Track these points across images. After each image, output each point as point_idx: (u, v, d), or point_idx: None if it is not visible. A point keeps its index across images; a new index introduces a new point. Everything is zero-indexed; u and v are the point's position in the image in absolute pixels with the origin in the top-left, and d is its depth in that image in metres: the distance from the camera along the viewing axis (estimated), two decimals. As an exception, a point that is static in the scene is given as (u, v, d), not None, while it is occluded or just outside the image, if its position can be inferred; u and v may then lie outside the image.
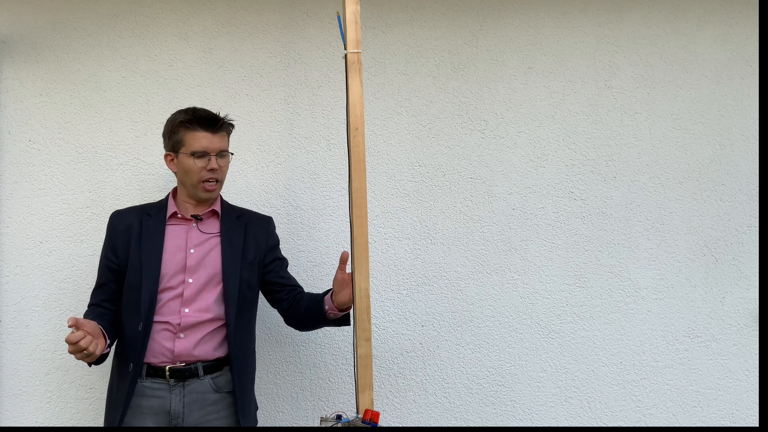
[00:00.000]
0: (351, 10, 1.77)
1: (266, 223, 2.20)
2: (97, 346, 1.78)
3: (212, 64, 2.51)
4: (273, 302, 2.19)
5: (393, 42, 2.59)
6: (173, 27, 2.50)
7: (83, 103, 2.45)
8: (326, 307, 2.01)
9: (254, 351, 2.15)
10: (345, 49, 1.79)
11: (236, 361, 2.02)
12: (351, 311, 1.91)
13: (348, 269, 1.88)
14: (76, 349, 1.74)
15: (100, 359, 1.92)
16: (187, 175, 2.03)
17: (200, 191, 2.04)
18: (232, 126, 2.13)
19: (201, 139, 2.00)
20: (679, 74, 2.70)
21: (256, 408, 2.16)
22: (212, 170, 2.01)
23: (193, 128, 2.01)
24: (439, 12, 2.61)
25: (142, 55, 2.48)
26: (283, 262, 2.21)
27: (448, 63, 2.61)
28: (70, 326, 1.73)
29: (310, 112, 2.55)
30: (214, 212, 2.11)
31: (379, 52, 2.58)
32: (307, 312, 2.07)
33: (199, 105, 2.15)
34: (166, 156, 2.08)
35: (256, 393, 2.17)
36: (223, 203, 2.15)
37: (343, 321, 2.03)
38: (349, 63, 1.77)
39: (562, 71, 2.65)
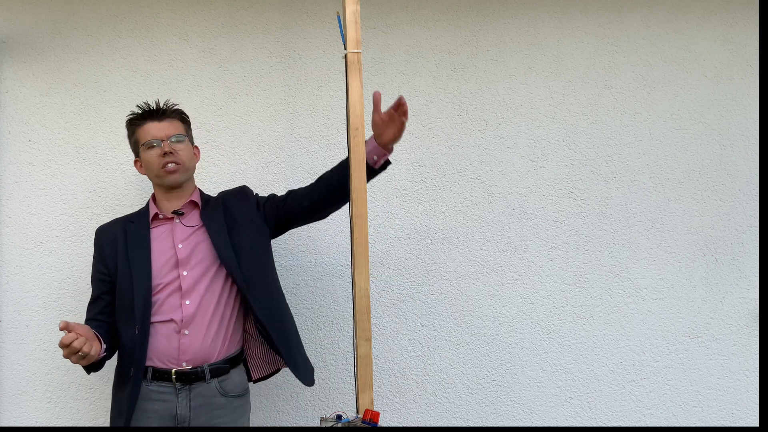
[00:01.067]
0: (351, 10, 1.77)
1: (240, 191, 2.17)
2: (92, 347, 1.77)
3: (212, 64, 2.51)
4: (295, 220, 2.12)
5: (393, 42, 2.59)
6: (173, 27, 2.50)
7: (83, 103, 2.45)
8: (369, 148, 1.90)
9: (286, 310, 2.09)
10: (345, 49, 1.79)
11: (269, 325, 1.97)
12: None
13: (383, 110, 1.88)
14: (70, 351, 1.73)
15: (97, 365, 1.92)
16: (150, 169, 2.04)
17: (164, 177, 2.03)
18: (179, 112, 2.09)
19: (150, 130, 2.02)
20: (679, 74, 2.70)
21: (312, 370, 2.14)
22: (166, 154, 2.00)
23: (140, 123, 2.05)
24: (439, 12, 2.61)
25: (142, 55, 2.48)
26: (275, 195, 2.15)
27: (448, 63, 2.61)
28: (61, 329, 1.72)
29: (310, 112, 2.55)
30: (193, 204, 2.09)
31: (379, 52, 2.58)
32: (338, 176, 1.98)
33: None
34: (135, 163, 2.11)
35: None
36: (202, 194, 2.15)
37: (386, 164, 1.99)
38: (349, 63, 1.77)
39: (562, 71, 2.65)
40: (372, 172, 1.96)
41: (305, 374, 2.06)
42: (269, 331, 1.99)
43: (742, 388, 2.69)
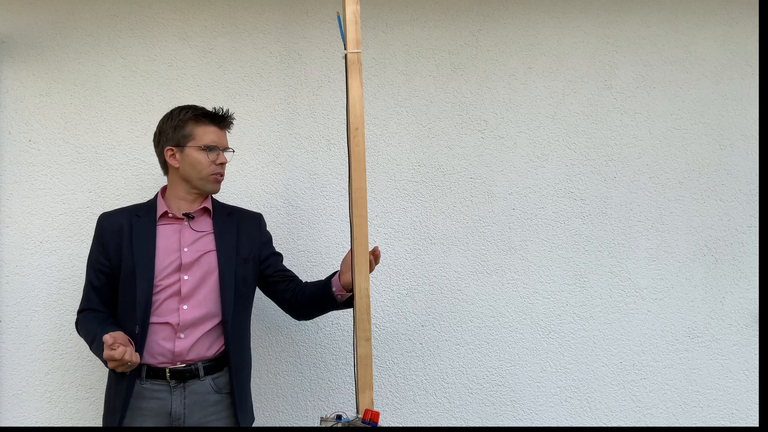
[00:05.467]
0: (351, 10, 1.78)
1: (257, 219, 2.20)
2: (133, 354, 1.84)
3: (212, 64, 2.51)
4: (272, 293, 2.17)
5: (393, 42, 2.59)
6: (173, 27, 2.50)
7: (83, 103, 2.45)
8: (334, 288, 2.00)
9: (249, 348, 2.15)
10: (345, 49, 1.79)
11: (234, 359, 2.02)
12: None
13: None
14: (121, 363, 1.80)
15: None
16: (195, 169, 2.03)
17: (209, 184, 2.06)
18: (232, 124, 2.17)
19: (211, 134, 2.05)
20: (679, 74, 2.70)
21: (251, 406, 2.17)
22: (222, 164, 2.06)
23: (204, 122, 2.05)
24: (439, 12, 2.62)
25: (142, 55, 2.48)
26: (279, 256, 2.22)
27: (448, 63, 2.61)
28: (110, 345, 1.78)
29: (310, 112, 2.55)
30: (205, 210, 2.10)
31: (379, 52, 2.58)
32: (313, 297, 2.07)
33: (199, 105, 2.15)
34: (166, 150, 2.04)
35: (253, 392, 2.17)
36: (214, 201, 2.15)
37: (350, 302, 1.99)
38: (349, 63, 1.78)
39: (562, 71, 2.65)
40: (335, 305, 2.04)
41: (244, 409, 2.04)
42: (231, 359, 2.02)
43: (742, 388, 2.69)
